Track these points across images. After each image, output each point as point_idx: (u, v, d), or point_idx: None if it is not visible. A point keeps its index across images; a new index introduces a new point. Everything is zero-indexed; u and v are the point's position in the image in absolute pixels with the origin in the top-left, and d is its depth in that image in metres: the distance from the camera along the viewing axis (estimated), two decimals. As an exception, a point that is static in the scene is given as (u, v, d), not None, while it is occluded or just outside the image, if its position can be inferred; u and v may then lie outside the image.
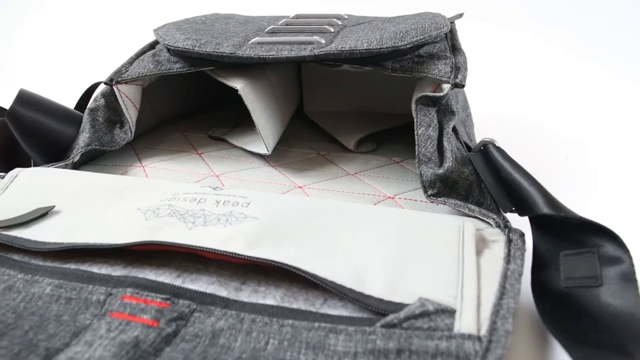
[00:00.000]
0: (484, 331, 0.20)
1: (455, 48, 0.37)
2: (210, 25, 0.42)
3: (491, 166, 0.31)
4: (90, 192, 0.31)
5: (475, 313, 0.21)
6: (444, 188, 0.31)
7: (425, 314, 0.21)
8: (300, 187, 0.36)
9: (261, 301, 0.23)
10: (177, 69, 0.38)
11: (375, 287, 0.23)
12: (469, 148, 0.35)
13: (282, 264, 0.23)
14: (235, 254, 0.24)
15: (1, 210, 0.30)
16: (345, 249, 0.25)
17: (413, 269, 0.24)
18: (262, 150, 0.38)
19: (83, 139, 0.37)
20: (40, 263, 0.26)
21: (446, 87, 0.33)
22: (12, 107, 0.36)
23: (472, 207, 0.30)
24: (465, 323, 0.21)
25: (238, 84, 0.36)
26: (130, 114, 0.39)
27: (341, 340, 0.20)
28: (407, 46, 0.33)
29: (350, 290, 0.22)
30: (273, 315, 0.22)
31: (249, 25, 0.43)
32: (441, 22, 0.37)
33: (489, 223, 0.29)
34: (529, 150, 0.52)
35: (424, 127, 0.33)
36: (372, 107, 0.51)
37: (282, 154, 0.43)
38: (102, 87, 0.41)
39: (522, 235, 0.27)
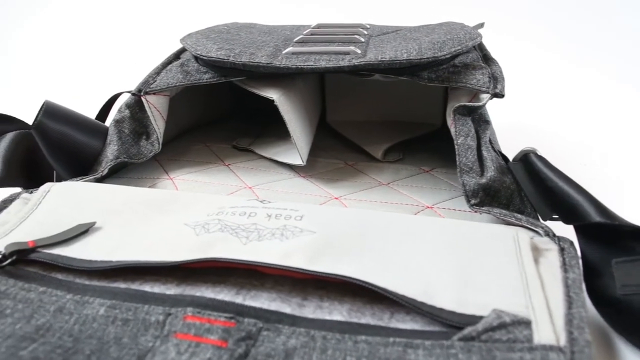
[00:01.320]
0: (563, 342, 0.20)
1: (487, 58, 0.38)
2: (235, 34, 0.42)
3: (533, 175, 0.32)
4: (129, 207, 0.30)
5: (550, 323, 0.21)
6: (486, 197, 0.32)
7: (502, 326, 0.21)
8: (336, 198, 0.36)
9: (328, 317, 0.23)
10: (206, 79, 0.38)
11: (445, 300, 0.22)
12: (502, 156, 0.36)
13: (352, 279, 0.23)
14: (301, 269, 0.23)
15: (36, 227, 0.28)
16: (408, 262, 0.24)
17: (478, 280, 0.23)
18: (297, 161, 0.38)
19: (111, 151, 0.36)
20: (87, 282, 0.25)
21: (485, 97, 0.33)
22: (39, 120, 0.35)
23: (519, 216, 0.30)
24: (543, 334, 0.20)
25: (273, 94, 0.35)
26: (158, 125, 0.39)
27: (421, 355, 0.20)
28: (447, 56, 0.33)
29: (422, 303, 0.22)
30: (344, 331, 0.22)
31: (274, 35, 0.42)
32: (473, 32, 0.37)
33: (537, 232, 0.29)
34: (546, 156, 0.53)
35: (463, 137, 0.33)
36: (394, 116, 0.51)
37: (310, 165, 0.42)
38: (126, 98, 0.40)
39: (572, 243, 0.27)
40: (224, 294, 0.24)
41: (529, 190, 0.32)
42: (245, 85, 0.38)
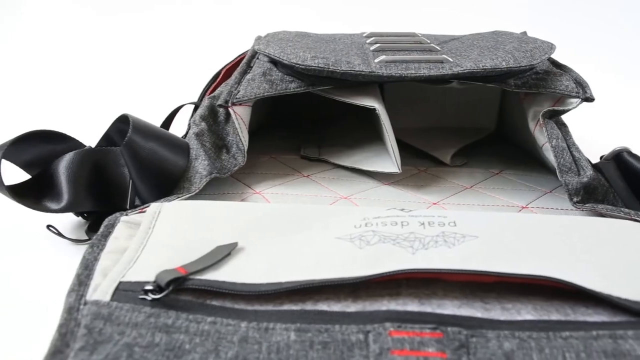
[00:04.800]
0: None
1: (558, 64, 0.40)
2: (305, 43, 0.41)
3: (627, 172, 0.34)
4: (259, 224, 0.28)
5: None
6: (585, 195, 0.34)
7: None
8: (435, 204, 0.36)
9: (519, 317, 0.23)
10: (293, 88, 0.37)
11: (626, 291, 0.24)
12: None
13: (552, 278, 0.23)
14: (498, 272, 0.23)
15: (166, 251, 0.26)
16: (577, 257, 0.25)
17: (638, 271, 0.25)
18: (391, 169, 0.38)
19: (203, 166, 0.34)
20: (250, 308, 0.24)
21: (574, 101, 0.36)
22: (129, 137, 0.32)
23: (627, 210, 0.32)
24: None
25: (373, 103, 0.35)
26: (244, 136, 0.37)
27: (636, 345, 0.21)
28: (539, 64, 0.35)
29: (609, 295, 0.23)
30: (544, 329, 0.22)
31: (341, 44, 0.42)
32: (547, 41, 0.39)
33: None
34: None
35: (555, 139, 0.35)
36: (450, 121, 0.52)
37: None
38: (200, 110, 0.38)
39: None
40: (411, 306, 0.24)
41: (619, 186, 0.35)
42: (332, 95, 0.37)
